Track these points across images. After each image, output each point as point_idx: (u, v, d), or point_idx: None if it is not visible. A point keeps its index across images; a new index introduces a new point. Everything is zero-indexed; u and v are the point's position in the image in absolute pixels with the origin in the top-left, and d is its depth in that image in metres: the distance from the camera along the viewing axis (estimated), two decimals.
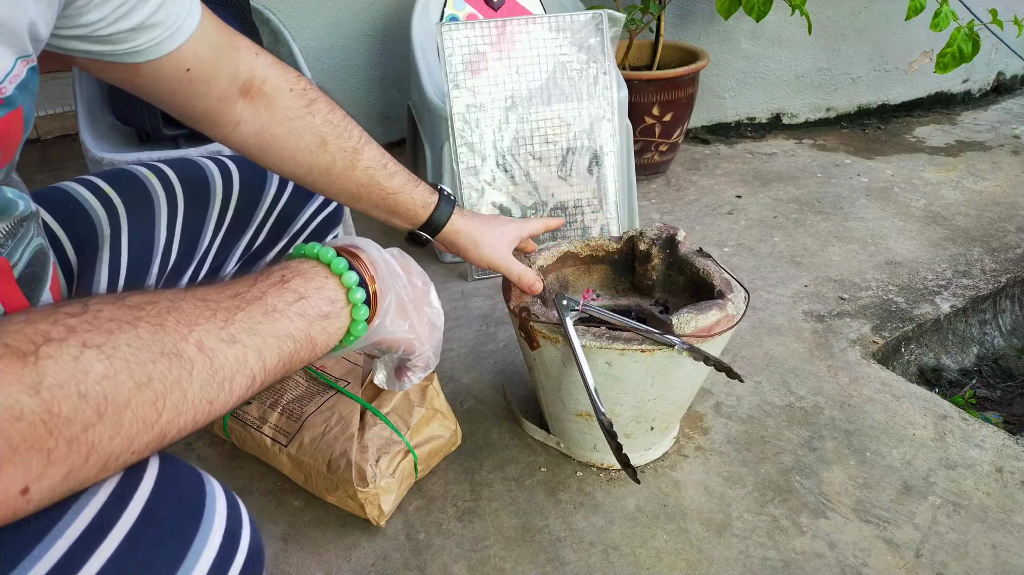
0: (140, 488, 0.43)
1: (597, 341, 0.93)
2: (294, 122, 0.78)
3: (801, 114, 2.54)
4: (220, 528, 0.45)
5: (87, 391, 0.38)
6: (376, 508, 0.96)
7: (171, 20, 0.64)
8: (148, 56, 0.64)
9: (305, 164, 0.79)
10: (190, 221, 0.81)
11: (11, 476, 0.35)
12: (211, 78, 0.70)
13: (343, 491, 0.96)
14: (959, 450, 1.12)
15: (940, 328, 1.51)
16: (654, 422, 1.03)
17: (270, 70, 0.76)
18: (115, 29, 0.61)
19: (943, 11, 1.87)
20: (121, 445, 0.40)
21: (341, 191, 0.84)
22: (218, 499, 0.46)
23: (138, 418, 0.40)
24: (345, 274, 0.54)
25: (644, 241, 1.12)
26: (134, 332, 0.41)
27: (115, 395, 0.39)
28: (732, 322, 0.94)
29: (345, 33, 2.11)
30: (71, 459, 0.37)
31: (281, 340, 0.49)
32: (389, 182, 0.84)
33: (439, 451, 1.08)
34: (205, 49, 0.68)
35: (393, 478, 0.98)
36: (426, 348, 0.64)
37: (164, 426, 0.42)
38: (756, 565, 0.94)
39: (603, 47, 1.59)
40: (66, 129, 2.28)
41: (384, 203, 0.86)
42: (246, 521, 0.48)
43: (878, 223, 1.85)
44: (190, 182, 0.83)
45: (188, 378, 0.43)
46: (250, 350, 0.47)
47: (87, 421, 0.38)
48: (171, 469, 0.46)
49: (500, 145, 1.57)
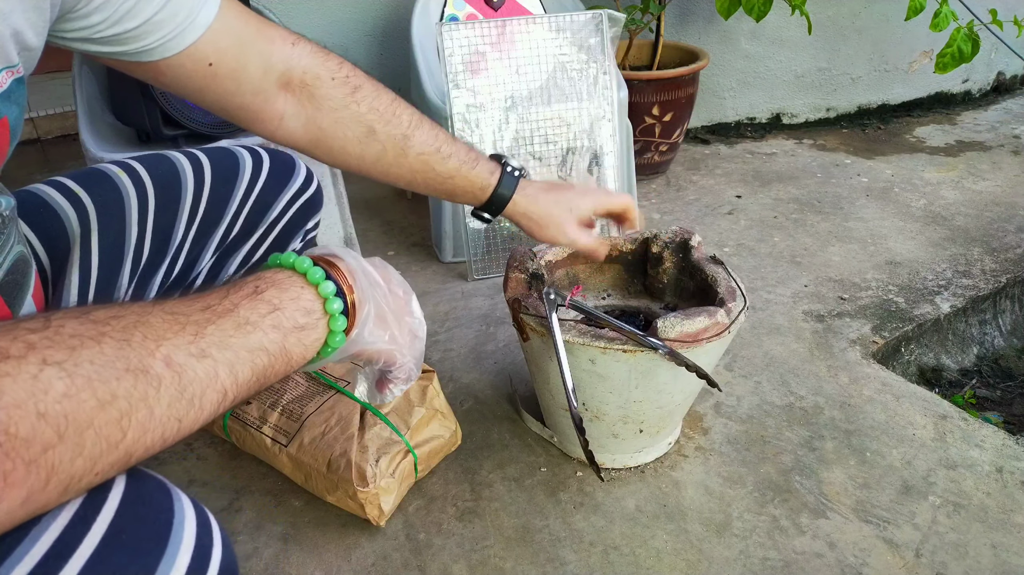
0: (104, 508, 0.41)
1: (580, 338, 0.93)
2: (339, 112, 0.75)
3: (801, 114, 2.54)
4: (189, 547, 0.43)
5: (46, 410, 0.36)
6: (376, 508, 0.96)
7: (181, 16, 0.62)
8: (162, 54, 0.63)
9: (356, 154, 0.78)
10: (161, 217, 0.80)
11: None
12: (238, 72, 0.68)
13: (343, 491, 0.96)
14: (959, 450, 1.12)
15: (940, 328, 1.51)
16: (643, 424, 1.03)
17: (309, 59, 0.73)
18: (119, 30, 0.60)
19: (943, 11, 1.87)
20: (83, 466, 0.38)
21: (398, 178, 0.82)
22: (187, 516, 0.44)
23: (101, 438, 0.39)
24: (322, 284, 0.52)
25: (657, 244, 1.12)
26: (98, 348, 0.39)
27: (76, 414, 0.37)
28: (720, 330, 0.93)
29: (345, 33, 2.11)
30: (29, 482, 0.36)
31: (254, 354, 0.47)
32: (443, 166, 0.82)
33: (439, 451, 1.08)
34: (227, 42, 0.66)
35: (393, 478, 0.98)
36: (407, 359, 0.62)
37: (129, 445, 0.40)
38: (756, 565, 0.94)
39: (603, 47, 1.59)
40: (66, 129, 2.28)
41: (441, 187, 0.84)
42: (217, 539, 0.46)
43: (878, 223, 1.85)
44: (161, 177, 0.81)
45: (155, 395, 0.41)
46: (221, 365, 0.45)
47: (46, 442, 0.36)
48: (137, 487, 0.44)
49: (500, 145, 1.57)
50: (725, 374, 1.29)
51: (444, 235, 1.65)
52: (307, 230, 0.97)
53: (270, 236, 0.91)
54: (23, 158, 2.29)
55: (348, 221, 1.59)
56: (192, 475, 1.10)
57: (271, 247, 0.92)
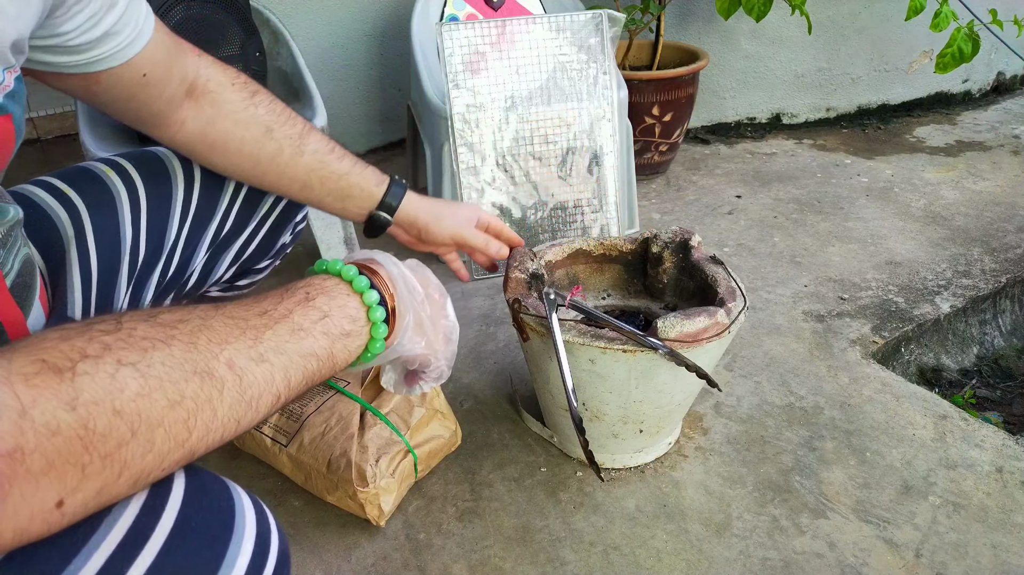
0: (171, 499, 0.43)
1: (580, 338, 0.93)
2: (239, 114, 0.79)
3: (801, 114, 2.54)
4: (252, 533, 0.45)
5: (122, 408, 0.38)
6: (376, 508, 0.96)
7: (131, 26, 0.65)
8: (111, 63, 0.65)
9: (253, 155, 0.80)
10: (155, 215, 0.80)
11: (47, 489, 0.35)
12: (164, 81, 0.72)
13: (343, 491, 0.96)
14: (959, 450, 1.12)
15: (940, 328, 1.51)
16: (643, 424, 1.03)
17: (212, 68, 0.77)
18: (86, 38, 0.62)
19: (943, 11, 1.87)
20: (153, 462, 0.40)
21: (292, 180, 0.84)
22: (246, 505, 0.47)
23: (170, 436, 0.41)
24: (366, 292, 0.55)
25: (657, 244, 1.12)
26: (168, 351, 0.42)
27: (149, 413, 0.39)
28: (720, 330, 0.93)
29: (345, 33, 2.11)
30: (105, 475, 0.38)
31: (306, 359, 0.50)
32: (339, 164, 0.85)
33: (439, 451, 1.08)
34: (159, 53, 0.69)
35: (393, 478, 0.98)
36: (441, 362, 0.65)
37: (194, 444, 0.43)
38: (756, 565, 0.94)
39: (603, 47, 1.59)
40: (66, 129, 2.28)
41: (337, 186, 0.85)
42: (274, 525, 0.48)
43: (878, 223, 1.85)
44: (150, 174, 0.81)
45: (219, 397, 0.43)
46: (277, 369, 0.47)
47: (121, 438, 0.38)
48: (197, 479, 0.46)
49: (500, 145, 1.57)
50: (725, 374, 1.29)
51: None
52: (296, 223, 0.97)
53: (261, 231, 0.91)
54: (23, 158, 2.29)
55: (348, 221, 1.59)
56: None
57: (262, 243, 0.92)
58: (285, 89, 1.67)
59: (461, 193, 1.56)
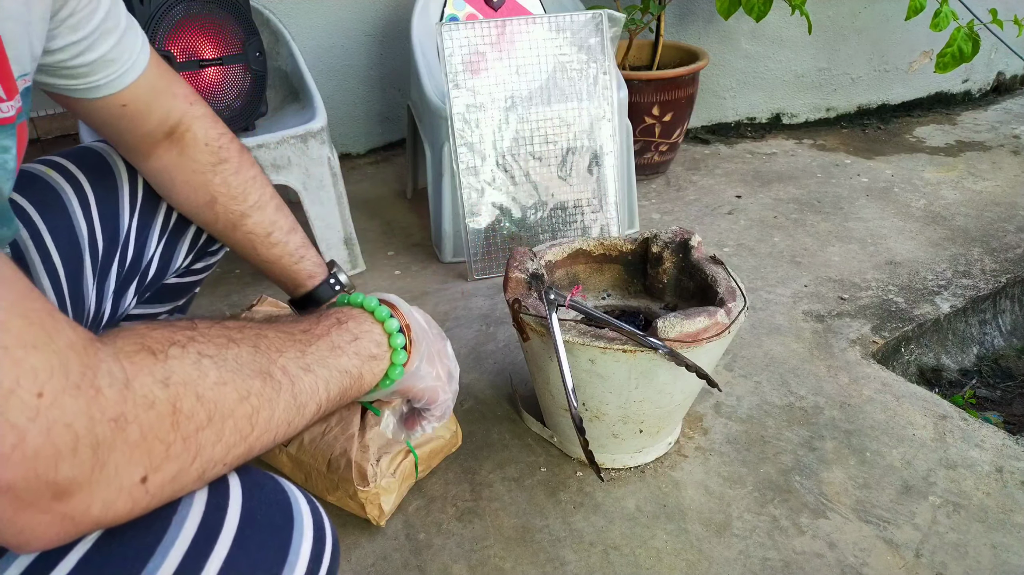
0: (232, 495, 0.45)
1: (580, 338, 0.93)
2: (195, 175, 0.81)
3: (801, 114, 2.53)
4: (309, 523, 0.47)
5: (203, 394, 0.42)
6: (376, 508, 0.96)
7: (126, 56, 0.68)
8: (108, 91, 0.69)
9: (192, 213, 0.84)
10: (104, 207, 0.81)
11: (136, 463, 0.38)
12: (142, 116, 0.74)
13: (343, 491, 0.96)
14: (959, 450, 1.12)
15: (940, 328, 1.51)
16: (643, 424, 1.03)
17: (197, 120, 0.80)
18: (80, 61, 0.65)
19: (943, 11, 1.87)
20: (220, 453, 0.43)
21: (230, 245, 0.88)
22: (300, 498, 0.49)
23: (237, 429, 0.44)
24: (387, 321, 0.59)
25: (657, 244, 1.12)
26: (237, 350, 0.46)
27: (223, 403, 0.43)
28: (720, 330, 0.93)
29: (345, 33, 2.11)
30: (182, 458, 0.40)
31: (342, 374, 0.54)
32: (267, 252, 0.87)
33: (440, 451, 1.08)
34: (144, 89, 0.72)
35: (394, 478, 0.98)
36: (448, 396, 0.69)
37: (253, 442, 0.45)
38: (756, 565, 0.94)
39: (603, 47, 1.59)
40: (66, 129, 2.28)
41: (260, 267, 0.89)
42: (325, 515, 0.50)
43: (878, 223, 1.85)
44: (92, 169, 0.82)
45: (276, 398, 0.47)
46: (320, 379, 0.51)
47: (199, 423, 0.41)
48: (250, 476, 0.47)
49: (500, 145, 1.57)
50: (725, 374, 1.29)
51: (444, 235, 1.65)
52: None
53: None
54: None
55: (348, 221, 1.59)
56: None
57: None
58: (285, 89, 1.67)
59: (461, 193, 1.56)
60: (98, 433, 0.36)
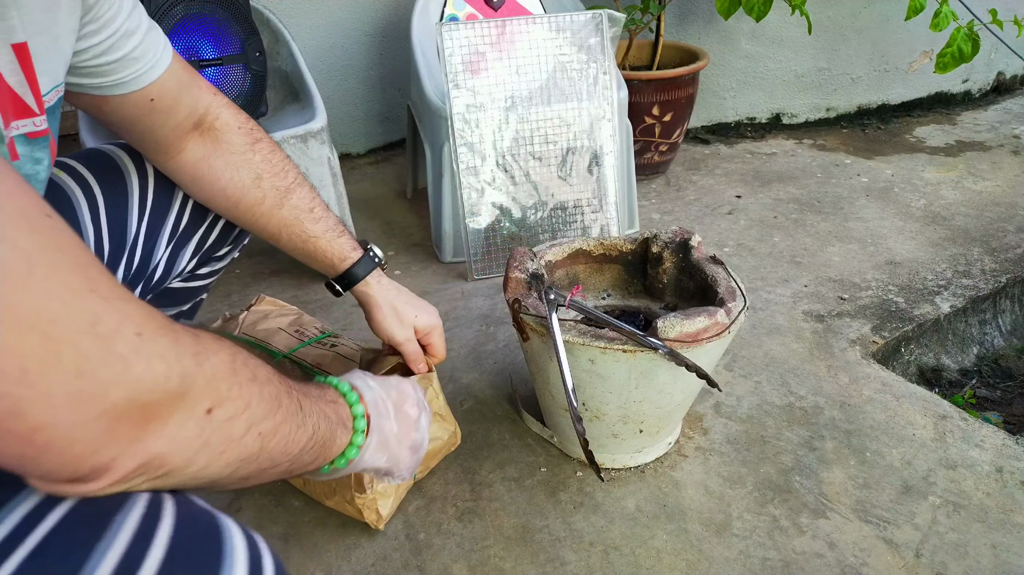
0: (162, 524, 0.45)
1: (580, 338, 0.93)
2: (235, 156, 0.83)
3: (801, 114, 2.53)
4: (243, 558, 0.47)
5: (247, 361, 0.49)
6: (374, 513, 0.96)
7: (150, 54, 0.71)
8: (135, 86, 0.71)
9: (234, 197, 0.85)
10: (113, 211, 0.81)
11: (207, 395, 0.44)
12: (171, 110, 0.76)
13: (340, 496, 0.97)
14: (959, 450, 1.12)
15: (940, 328, 1.51)
16: (643, 424, 1.03)
17: (224, 109, 0.83)
18: (104, 60, 0.67)
19: (943, 11, 1.87)
20: (261, 412, 0.49)
21: (264, 228, 0.88)
22: (234, 532, 0.49)
23: (271, 398, 0.50)
24: (354, 406, 0.65)
25: (657, 244, 1.12)
26: (257, 361, 0.52)
27: (260, 373, 0.50)
28: (720, 330, 0.93)
29: (345, 33, 2.11)
30: (237, 403, 0.47)
31: (327, 423, 0.59)
32: (313, 226, 0.89)
33: (437, 452, 1.08)
34: (171, 83, 0.75)
35: None
36: (403, 471, 0.72)
37: (278, 421, 0.51)
38: (756, 565, 0.94)
39: (603, 47, 1.59)
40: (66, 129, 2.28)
41: (304, 246, 0.89)
42: (264, 548, 0.50)
43: (878, 223, 1.85)
44: (103, 173, 0.82)
45: (290, 405, 0.53)
46: (311, 422, 0.56)
47: (248, 377, 0.48)
48: (186, 506, 0.48)
49: (500, 145, 1.57)
50: (725, 374, 1.29)
51: (444, 235, 1.65)
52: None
53: (221, 220, 0.91)
54: None
55: (348, 221, 1.59)
56: None
57: (223, 230, 0.92)
58: (285, 89, 1.67)
59: (461, 193, 1.56)
60: (184, 364, 0.43)
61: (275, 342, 1.09)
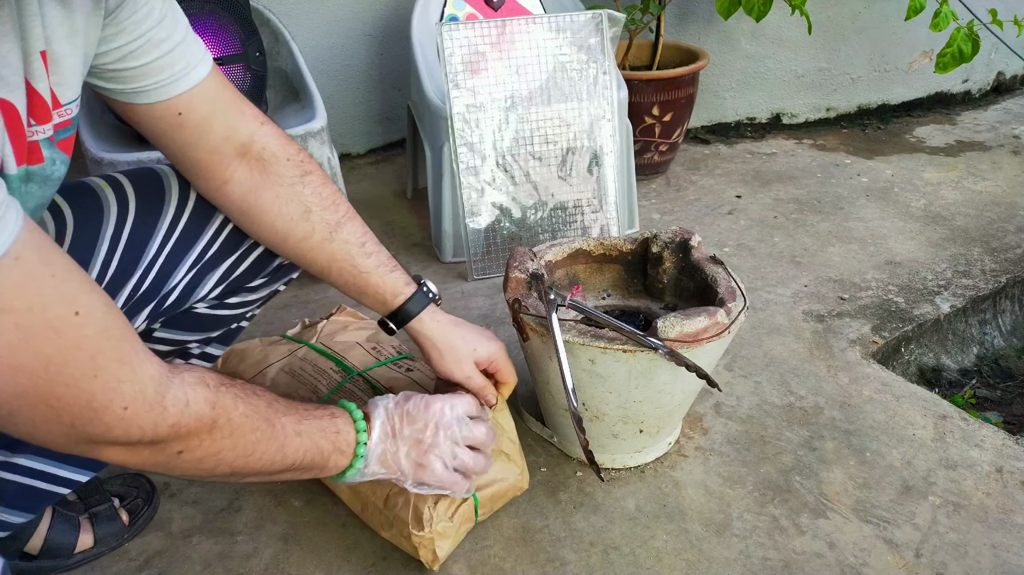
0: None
1: (580, 338, 0.93)
2: (284, 188, 0.81)
3: (801, 114, 2.53)
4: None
5: (232, 418, 0.64)
6: (431, 553, 0.90)
7: (179, 66, 0.70)
8: (157, 97, 0.70)
9: (283, 231, 0.83)
10: (137, 232, 0.80)
11: (180, 443, 0.61)
12: (202, 129, 0.75)
13: (397, 530, 0.91)
14: (959, 450, 1.12)
15: (940, 328, 1.51)
16: (643, 424, 1.03)
17: (271, 139, 0.81)
18: (123, 65, 0.67)
19: (943, 11, 1.87)
20: (230, 457, 0.65)
21: (313, 262, 0.86)
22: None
23: (244, 447, 0.66)
24: (361, 433, 0.77)
25: (657, 244, 1.12)
26: (258, 400, 0.68)
27: (243, 427, 0.65)
28: (720, 330, 0.93)
29: (345, 33, 2.11)
30: (208, 449, 0.63)
31: (317, 451, 0.73)
32: (364, 260, 0.86)
33: (503, 495, 1.00)
34: (201, 99, 0.74)
35: (451, 522, 0.91)
36: (408, 482, 0.82)
37: (252, 460, 0.67)
38: (756, 565, 0.94)
39: (603, 47, 1.59)
40: None
41: (355, 281, 0.87)
42: None
43: (878, 223, 1.85)
44: (145, 190, 0.81)
45: (272, 440, 0.68)
46: (302, 445, 0.71)
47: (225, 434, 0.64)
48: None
49: (500, 145, 1.57)
50: (725, 374, 1.29)
51: (444, 235, 1.65)
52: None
53: (254, 253, 0.89)
54: None
55: None
56: None
57: (255, 263, 0.90)
58: (285, 89, 1.67)
59: (461, 193, 1.56)
60: (159, 432, 0.58)
61: (351, 357, 1.06)
